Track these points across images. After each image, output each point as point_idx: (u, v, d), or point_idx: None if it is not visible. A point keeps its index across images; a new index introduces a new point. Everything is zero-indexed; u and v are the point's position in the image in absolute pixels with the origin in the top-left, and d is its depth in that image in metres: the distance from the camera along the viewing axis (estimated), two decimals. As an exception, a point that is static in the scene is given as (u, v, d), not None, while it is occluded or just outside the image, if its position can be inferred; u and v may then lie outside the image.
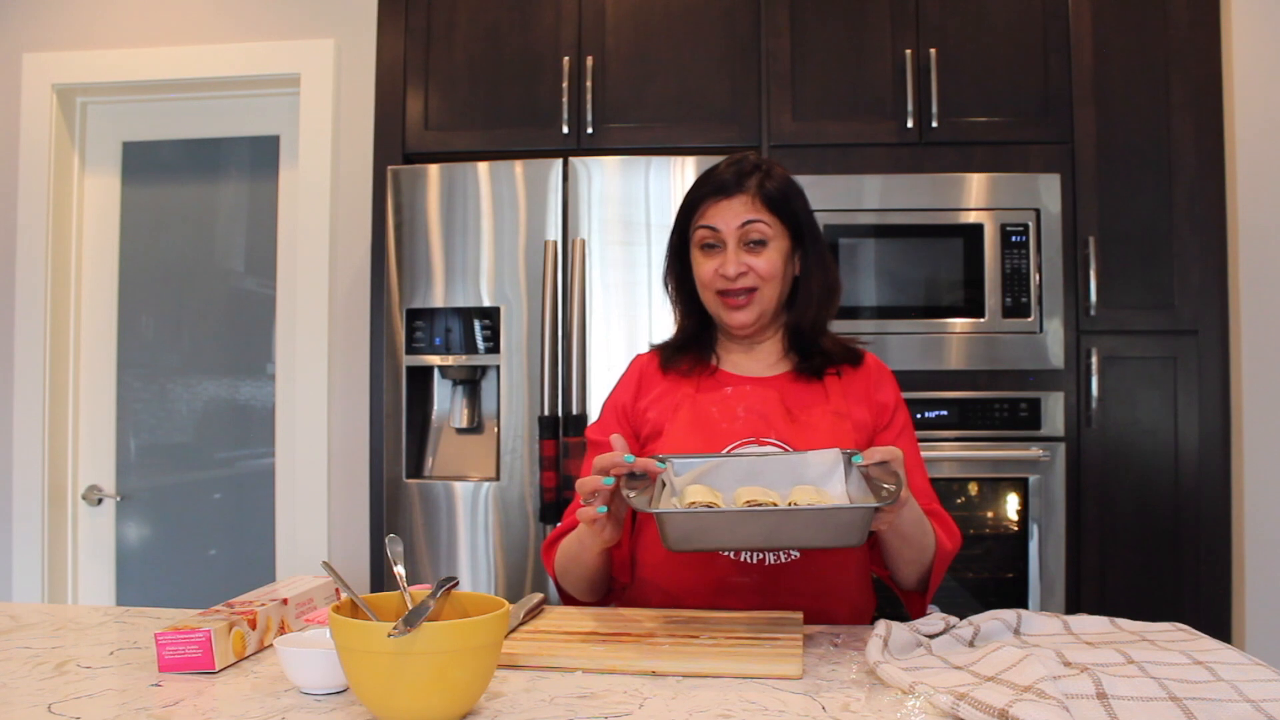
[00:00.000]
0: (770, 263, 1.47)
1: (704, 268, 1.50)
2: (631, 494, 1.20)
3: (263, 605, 1.22)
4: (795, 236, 1.50)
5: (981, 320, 2.41)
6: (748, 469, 1.31)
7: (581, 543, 1.39)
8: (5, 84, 3.05)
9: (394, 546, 1.12)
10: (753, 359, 1.55)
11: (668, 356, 1.57)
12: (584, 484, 1.26)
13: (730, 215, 1.48)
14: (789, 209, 1.49)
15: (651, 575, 1.46)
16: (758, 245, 1.47)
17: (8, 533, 2.98)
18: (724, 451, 1.43)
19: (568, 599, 1.51)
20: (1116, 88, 2.44)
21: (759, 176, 1.49)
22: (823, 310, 1.53)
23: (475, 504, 2.41)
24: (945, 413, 2.40)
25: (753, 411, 1.47)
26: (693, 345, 1.57)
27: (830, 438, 1.45)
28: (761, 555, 1.39)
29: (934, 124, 2.45)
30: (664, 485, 1.26)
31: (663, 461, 1.29)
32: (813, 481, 1.29)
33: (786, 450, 1.39)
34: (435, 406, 2.57)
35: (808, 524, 1.15)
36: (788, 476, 1.30)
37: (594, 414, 2.35)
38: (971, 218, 2.41)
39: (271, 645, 1.20)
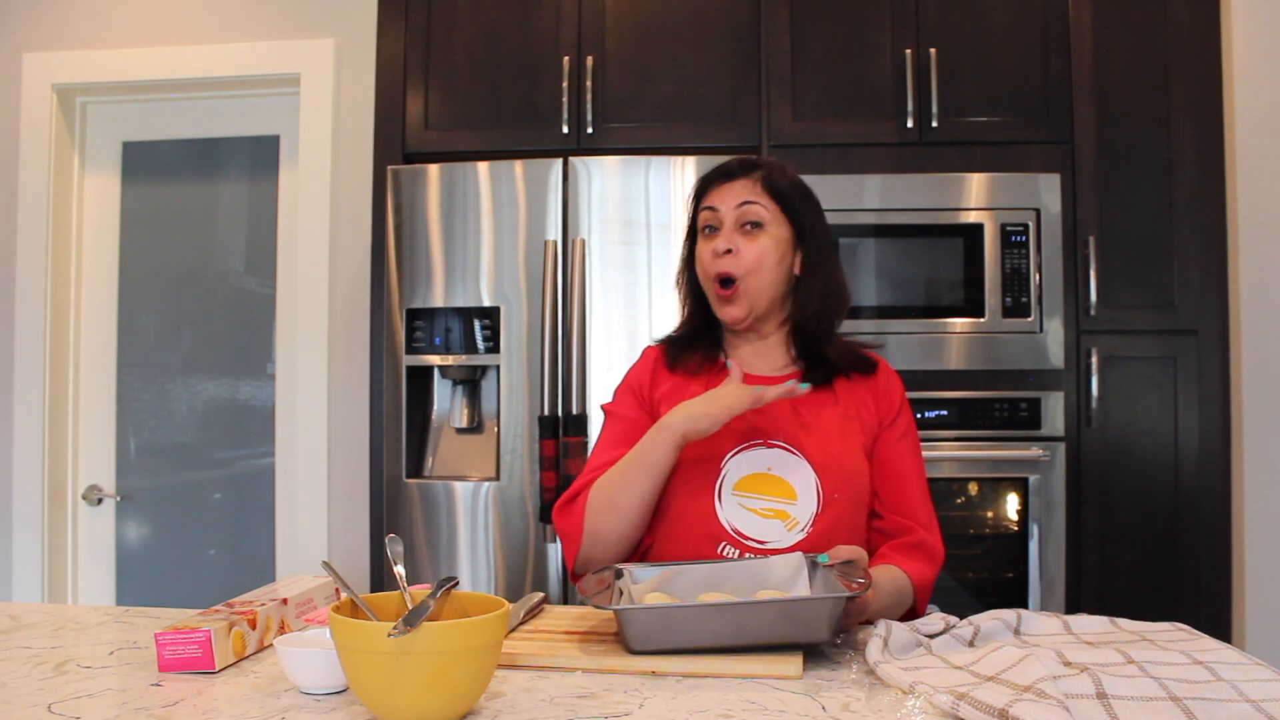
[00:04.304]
0: (761, 248, 1.47)
1: (703, 251, 1.52)
2: (590, 597, 1.19)
3: (263, 605, 1.22)
4: (798, 232, 1.50)
5: (981, 320, 2.41)
6: (708, 576, 1.29)
7: (649, 460, 1.39)
8: (5, 84, 3.05)
9: (394, 546, 1.12)
10: (761, 357, 1.55)
11: (674, 354, 1.56)
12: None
13: (730, 196, 1.49)
14: (791, 202, 1.50)
15: None
16: (754, 228, 1.48)
17: (8, 533, 2.98)
18: (728, 455, 1.44)
19: (574, 573, 1.47)
20: (1116, 88, 2.44)
21: (767, 170, 1.51)
22: (825, 314, 1.51)
23: (475, 504, 2.41)
24: (945, 413, 2.40)
25: (761, 413, 1.46)
26: (700, 340, 1.56)
27: (839, 440, 1.46)
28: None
29: (934, 124, 2.45)
30: (622, 594, 1.23)
31: (619, 574, 1.27)
32: (777, 586, 1.26)
33: (749, 556, 1.37)
34: (435, 406, 2.57)
35: (776, 617, 1.13)
36: (750, 582, 1.27)
37: (594, 414, 2.35)
38: (971, 218, 2.42)
39: (271, 645, 1.20)
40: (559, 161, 2.43)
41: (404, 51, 2.56)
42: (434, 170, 2.45)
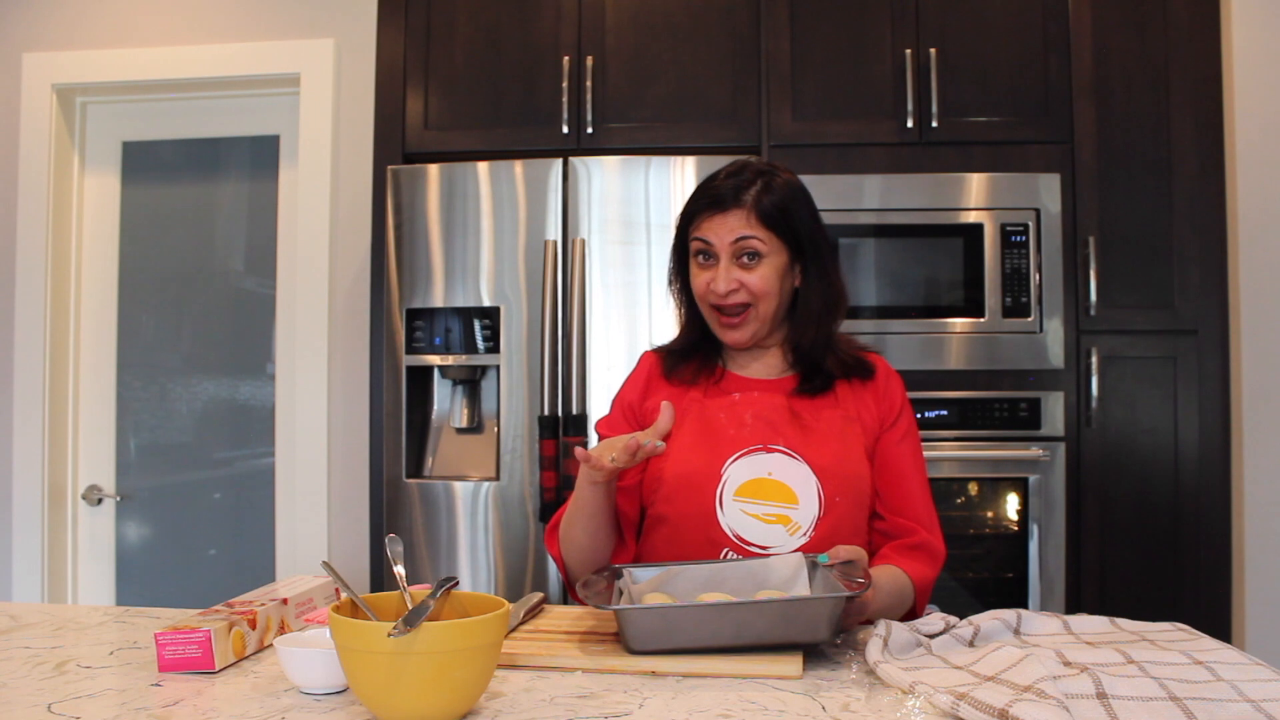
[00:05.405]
0: (764, 279, 1.45)
1: (698, 279, 1.49)
2: (589, 595, 1.20)
3: (263, 605, 1.22)
4: (794, 250, 1.47)
5: (981, 320, 2.41)
6: (709, 576, 1.29)
7: (581, 498, 1.42)
8: (5, 84, 3.05)
9: (394, 546, 1.12)
10: (760, 361, 1.55)
11: (670, 364, 1.55)
12: (613, 443, 1.33)
13: (724, 230, 1.45)
14: (787, 223, 1.45)
15: None
16: (752, 259, 1.45)
17: (8, 533, 2.98)
18: (728, 460, 1.43)
19: (571, 587, 1.49)
20: (1116, 88, 2.44)
21: (757, 190, 1.45)
22: (824, 325, 1.50)
23: (475, 504, 2.41)
24: (945, 413, 2.40)
25: (760, 418, 1.46)
26: (697, 351, 1.55)
27: (839, 443, 1.45)
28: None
29: (934, 124, 2.45)
30: (622, 594, 1.23)
31: (619, 574, 1.28)
32: (777, 586, 1.26)
33: (747, 557, 1.38)
34: (435, 406, 2.57)
35: (776, 617, 1.13)
36: (750, 582, 1.27)
37: (594, 414, 2.36)
38: (971, 217, 2.41)
39: (271, 645, 1.21)
40: (559, 161, 2.43)
41: (404, 51, 2.56)
42: (434, 170, 2.45)
